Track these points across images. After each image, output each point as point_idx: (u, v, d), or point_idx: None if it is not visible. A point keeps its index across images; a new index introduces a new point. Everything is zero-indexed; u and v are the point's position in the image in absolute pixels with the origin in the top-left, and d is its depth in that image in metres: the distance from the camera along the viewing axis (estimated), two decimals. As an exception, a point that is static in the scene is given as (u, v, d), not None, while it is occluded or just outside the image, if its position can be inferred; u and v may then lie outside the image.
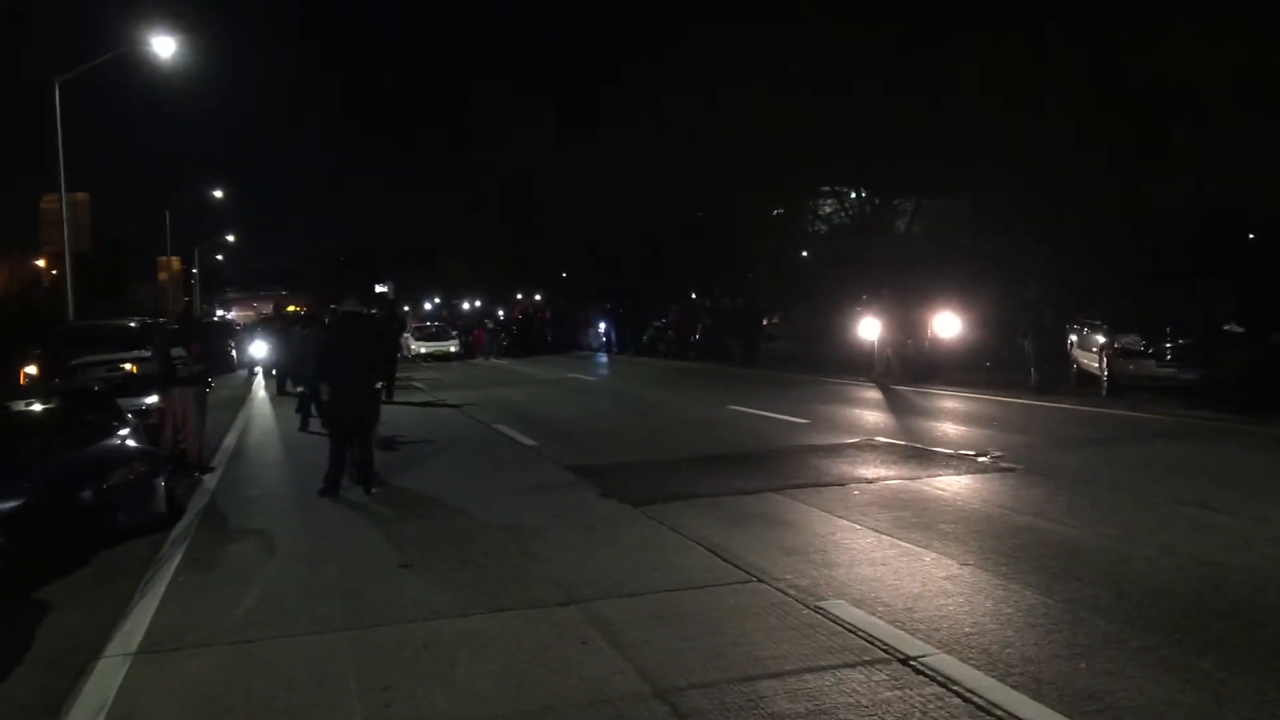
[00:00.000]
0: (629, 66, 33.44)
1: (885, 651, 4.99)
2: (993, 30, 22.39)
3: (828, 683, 4.64)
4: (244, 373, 28.64)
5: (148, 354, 15.77)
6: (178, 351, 11.74)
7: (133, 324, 21.57)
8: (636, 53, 32.40)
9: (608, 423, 15.86)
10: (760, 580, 6.32)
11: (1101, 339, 16.22)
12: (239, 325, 50.64)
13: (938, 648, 4.99)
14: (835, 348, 24.98)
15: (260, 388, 24.38)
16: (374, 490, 10.04)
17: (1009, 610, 5.56)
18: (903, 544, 7.07)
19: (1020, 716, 4.18)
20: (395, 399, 11.01)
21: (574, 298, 50.78)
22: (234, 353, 33.56)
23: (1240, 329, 14.72)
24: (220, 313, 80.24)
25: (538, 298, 59.87)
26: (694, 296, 38.82)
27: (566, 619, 5.78)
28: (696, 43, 29.35)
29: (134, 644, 5.77)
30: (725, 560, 6.84)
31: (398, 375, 10.89)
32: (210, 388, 12.53)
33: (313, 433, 15.15)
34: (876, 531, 7.47)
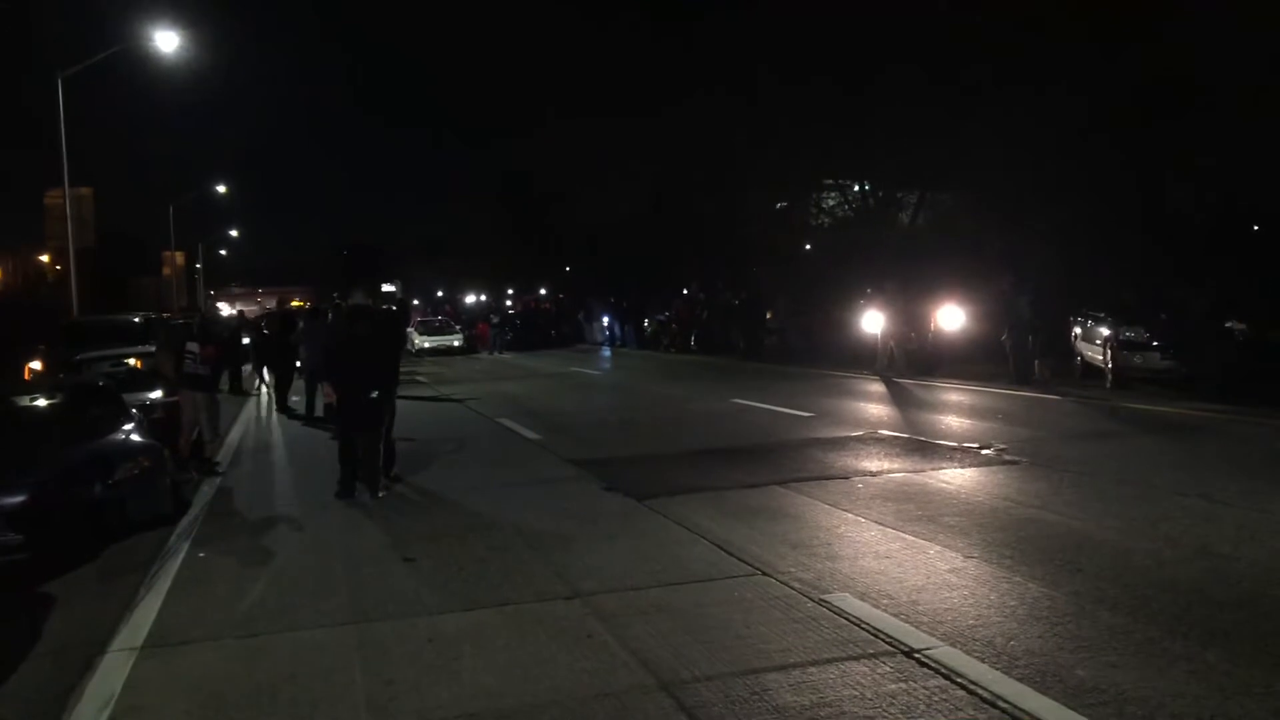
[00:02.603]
0: (631, 59, 33.38)
1: (889, 644, 4.99)
2: (997, 19, 22.29)
3: (832, 675, 4.64)
4: (248, 368, 28.63)
5: (152, 349, 15.80)
6: (192, 347, 11.63)
7: (137, 319, 21.62)
8: (638, 45, 32.36)
9: (611, 416, 15.87)
10: (764, 573, 6.33)
11: (1106, 332, 16.21)
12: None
13: (942, 640, 5.00)
14: (831, 340, 24.96)
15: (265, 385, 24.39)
16: (380, 494, 9.62)
17: (1013, 603, 5.56)
18: (907, 537, 7.07)
19: (1024, 709, 4.18)
20: (399, 394, 10.92)
21: (577, 291, 50.75)
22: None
23: (1241, 325, 14.70)
24: (226, 307, 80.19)
25: (542, 292, 59.85)
26: (685, 292, 38.75)
27: (570, 613, 5.79)
28: (697, 34, 29.29)
29: (140, 638, 5.79)
30: (729, 554, 6.84)
31: (401, 370, 10.88)
32: (223, 391, 12.44)
33: (321, 429, 15.17)
34: (881, 525, 7.48)
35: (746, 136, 29.07)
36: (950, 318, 20.59)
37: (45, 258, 46.18)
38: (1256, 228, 22.14)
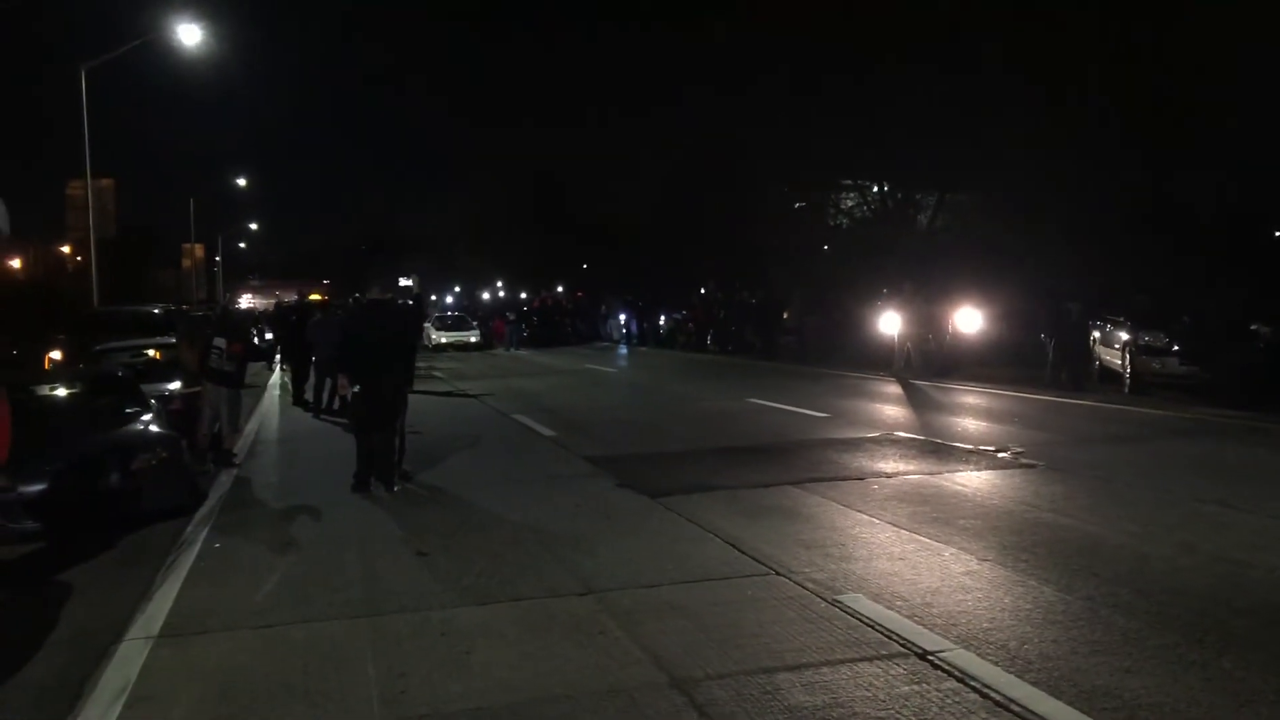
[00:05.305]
0: (653, 58, 33.39)
1: (903, 646, 4.98)
2: (1017, 22, 22.19)
3: (845, 676, 4.63)
4: (263, 362, 28.79)
5: (172, 340, 15.89)
6: (219, 342, 11.65)
7: (156, 310, 21.77)
8: (660, 44, 32.35)
9: (626, 414, 15.87)
10: (778, 573, 6.32)
11: (1124, 336, 16.12)
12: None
13: (956, 643, 4.98)
14: (847, 341, 24.89)
15: (278, 378, 24.51)
16: (396, 488, 9.63)
17: (1028, 606, 5.54)
18: (921, 539, 7.05)
19: (1037, 713, 4.17)
20: (415, 388, 10.94)
21: (594, 289, 50.79)
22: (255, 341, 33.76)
23: (1267, 328, 14.58)
24: (248, 299, 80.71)
25: (559, 289, 59.87)
26: (702, 291, 38.71)
27: (583, 609, 5.79)
28: (718, 33, 29.25)
29: (156, 627, 5.83)
30: (743, 552, 6.83)
31: (418, 365, 10.98)
32: (244, 385, 12.44)
33: (334, 422, 15.24)
34: (895, 526, 7.46)
35: (766, 135, 29.02)
36: (968, 320, 20.52)
37: (66, 248, 46.52)
38: (1279, 234, 21.99)
